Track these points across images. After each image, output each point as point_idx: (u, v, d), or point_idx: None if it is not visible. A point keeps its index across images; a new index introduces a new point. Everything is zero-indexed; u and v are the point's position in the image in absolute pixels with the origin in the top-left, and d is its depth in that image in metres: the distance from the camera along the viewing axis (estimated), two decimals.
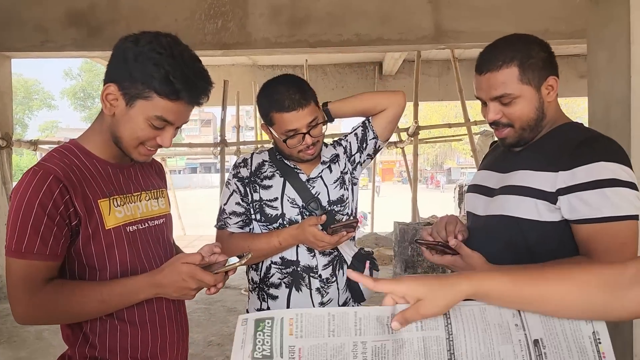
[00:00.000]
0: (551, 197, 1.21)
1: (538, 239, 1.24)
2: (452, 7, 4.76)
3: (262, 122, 1.72)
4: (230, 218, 1.75)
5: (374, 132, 1.80)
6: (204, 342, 4.56)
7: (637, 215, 1.14)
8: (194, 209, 15.85)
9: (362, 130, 1.82)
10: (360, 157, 1.83)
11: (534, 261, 1.20)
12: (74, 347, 1.24)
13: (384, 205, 14.42)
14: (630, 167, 1.17)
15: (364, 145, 1.82)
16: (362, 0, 4.86)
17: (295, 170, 1.76)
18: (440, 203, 17.24)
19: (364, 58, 9.29)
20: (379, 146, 1.84)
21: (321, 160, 1.78)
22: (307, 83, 1.69)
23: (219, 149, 7.59)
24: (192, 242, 9.68)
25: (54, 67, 74.96)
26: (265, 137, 8.23)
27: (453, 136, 10.03)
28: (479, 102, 1.36)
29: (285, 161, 1.77)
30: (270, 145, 1.88)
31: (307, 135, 1.64)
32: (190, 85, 1.17)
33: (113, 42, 1.20)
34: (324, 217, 1.63)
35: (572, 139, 1.24)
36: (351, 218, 1.75)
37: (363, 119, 1.86)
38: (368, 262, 1.74)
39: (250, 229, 1.78)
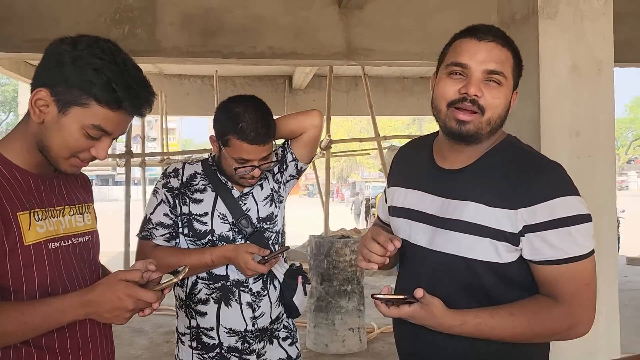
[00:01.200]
0: (513, 239, 1.13)
1: (496, 280, 1.17)
2: (363, 26, 4.92)
3: (214, 135, 1.67)
4: (157, 229, 1.67)
5: (292, 155, 1.80)
6: None
7: (594, 249, 1.13)
8: None
9: (282, 151, 1.81)
10: (282, 177, 1.81)
11: (490, 301, 1.16)
12: None
13: (290, 219, 14.49)
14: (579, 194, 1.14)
15: (284, 166, 1.81)
16: (276, 14, 4.88)
17: (228, 185, 1.72)
18: (345, 216, 17.63)
19: (275, 71, 9.31)
20: (302, 167, 1.83)
21: None
22: (272, 115, 1.67)
23: (123, 160, 7.20)
24: None
25: None
26: (172, 149, 7.96)
27: (362, 150, 10.33)
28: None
29: (219, 175, 1.72)
30: (194, 156, 1.82)
31: (257, 168, 1.63)
32: (132, 94, 1.09)
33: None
34: (267, 251, 1.62)
35: (519, 164, 1.17)
36: (285, 246, 1.76)
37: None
38: (300, 277, 1.74)
39: (176, 242, 1.70)
